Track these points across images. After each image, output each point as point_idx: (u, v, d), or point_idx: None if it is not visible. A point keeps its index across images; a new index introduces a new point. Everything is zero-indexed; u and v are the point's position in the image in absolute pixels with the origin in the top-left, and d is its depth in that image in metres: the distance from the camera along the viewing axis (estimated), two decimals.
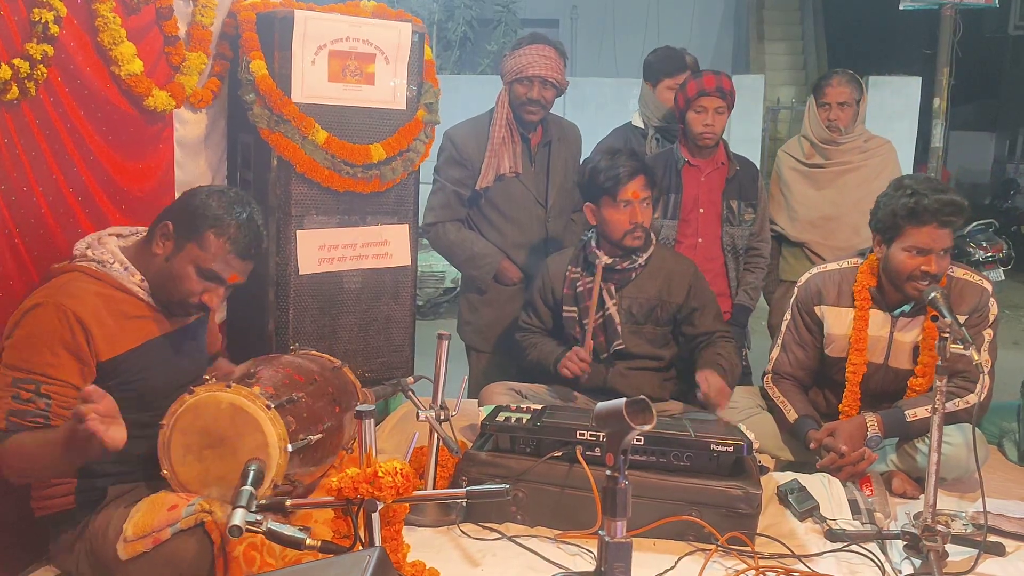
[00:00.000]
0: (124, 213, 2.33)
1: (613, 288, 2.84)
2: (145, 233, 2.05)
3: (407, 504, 1.82)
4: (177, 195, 2.37)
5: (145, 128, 2.41)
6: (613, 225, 2.77)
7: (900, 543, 2.14)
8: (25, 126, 2.00)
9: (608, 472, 1.50)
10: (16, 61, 1.91)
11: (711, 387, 2.59)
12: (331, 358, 2.38)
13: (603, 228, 2.81)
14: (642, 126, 3.64)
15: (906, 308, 2.63)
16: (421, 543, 2.14)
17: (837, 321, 2.72)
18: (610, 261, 2.80)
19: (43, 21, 1.95)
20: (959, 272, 2.64)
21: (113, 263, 1.96)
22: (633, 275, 2.85)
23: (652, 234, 2.91)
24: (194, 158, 2.66)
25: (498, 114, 3.21)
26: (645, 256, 2.83)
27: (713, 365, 2.70)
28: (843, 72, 3.58)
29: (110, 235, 2.04)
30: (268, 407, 1.86)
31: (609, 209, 2.76)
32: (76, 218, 2.18)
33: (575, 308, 2.88)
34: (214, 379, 1.93)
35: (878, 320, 2.67)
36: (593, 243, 2.85)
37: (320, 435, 2.00)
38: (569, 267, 2.90)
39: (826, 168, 3.59)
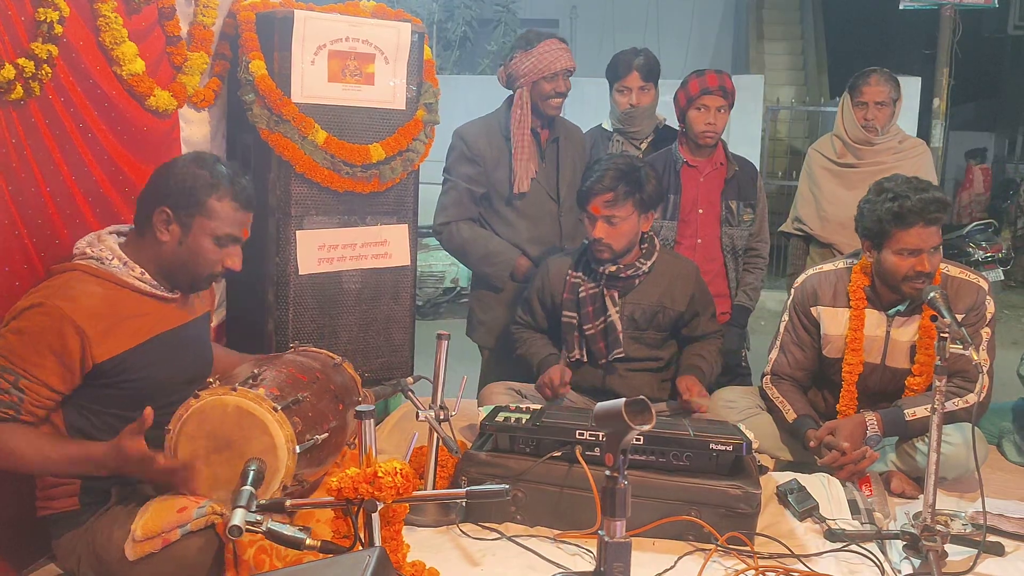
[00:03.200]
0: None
1: (616, 295, 2.84)
2: (134, 227, 2.04)
3: (407, 504, 1.82)
4: None
5: (157, 126, 2.42)
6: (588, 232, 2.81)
7: (899, 543, 2.15)
8: (32, 125, 2.00)
9: (608, 472, 1.50)
10: (21, 61, 1.91)
11: (692, 394, 2.71)
12: (330, 354, 2.36)
13: None
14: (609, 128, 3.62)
15: (901, 308, 2.64)
16: (421, 543, 2.14)
17: (833, 322, 2.72)
18: (614, 269, 2.80)
19: (48, 21, 1.96)
20: (954, 271, 2.64)
21: (112, 259, 1.96)
22: (637, 282, 2.85)
23: (655, 239, 2.91)
24: None
25: (518, 117, 3.15)
26: (649, 263, 2.83)
27: (693, 369, 2.81)
28: (881, 71, 3.44)
29: (110, 233, 2.04)
30: (275, 409, 1.84)
31: (583, 218, 2.81)
32: (84, 217, 2.17)
33: (575, 314, 2.88)
34: (218, 382, 1.91)
35: (874, 320, 2.67)
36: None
37: (326, 434, 1.99)
38: (570, 271, 2.90)
39: (858, 168, 3.49)
